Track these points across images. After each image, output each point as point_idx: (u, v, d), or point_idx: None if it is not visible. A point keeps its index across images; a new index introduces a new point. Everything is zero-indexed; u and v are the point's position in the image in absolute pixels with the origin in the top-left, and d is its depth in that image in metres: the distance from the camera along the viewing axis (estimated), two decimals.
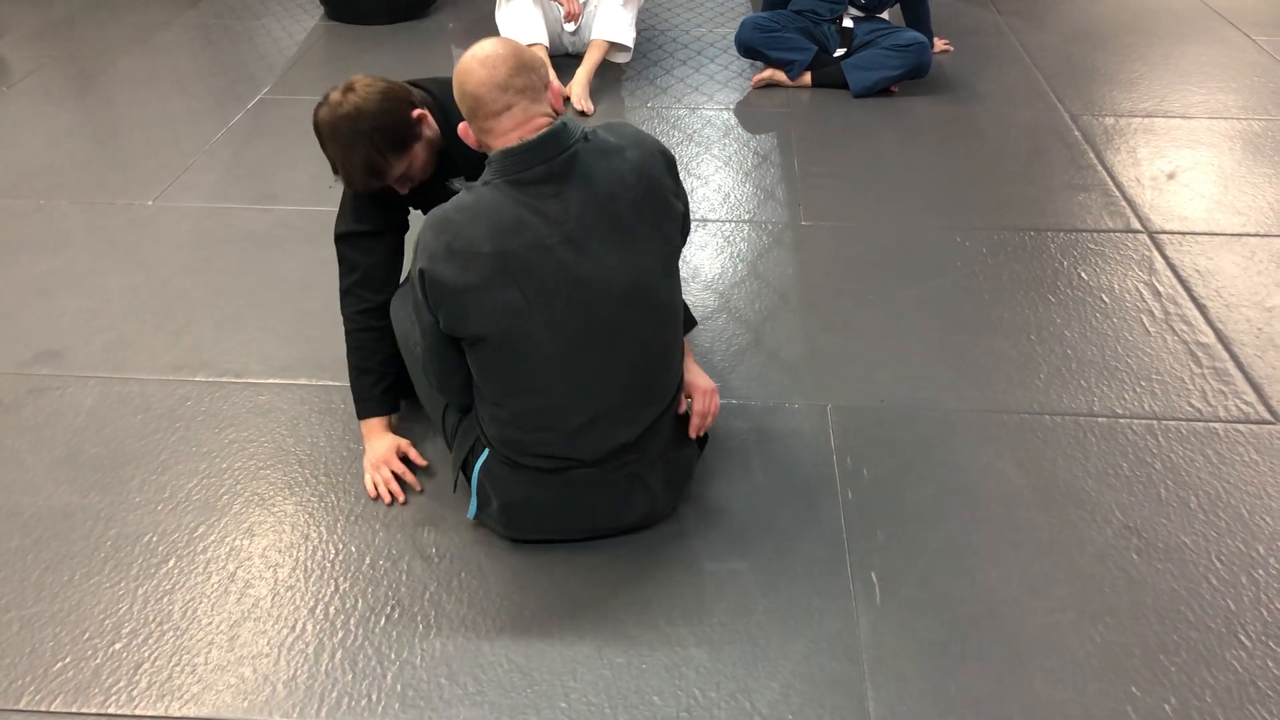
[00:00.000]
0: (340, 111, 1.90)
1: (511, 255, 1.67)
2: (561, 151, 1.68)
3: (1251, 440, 2.25)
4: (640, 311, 1.78)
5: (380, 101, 1.92)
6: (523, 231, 1.67)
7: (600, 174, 1.71)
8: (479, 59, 1.70)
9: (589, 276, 1.71)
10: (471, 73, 1.69)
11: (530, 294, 1.69)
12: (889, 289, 2.80)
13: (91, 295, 2.80)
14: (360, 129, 1.89)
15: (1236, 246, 2.99)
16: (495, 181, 1.70)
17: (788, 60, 4.07)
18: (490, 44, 1.72)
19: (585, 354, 1.75)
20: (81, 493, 2.13)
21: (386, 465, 2.15)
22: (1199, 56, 4.42)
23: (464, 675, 1.75)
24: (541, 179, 1.68)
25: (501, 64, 1.68)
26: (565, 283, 1.70)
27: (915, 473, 2.17)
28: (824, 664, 1.76)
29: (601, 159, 1.73)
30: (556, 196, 1.68)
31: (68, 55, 4.54)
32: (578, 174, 1.70)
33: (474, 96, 1.70)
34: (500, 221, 1.67)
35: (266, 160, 3.56)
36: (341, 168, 1.95)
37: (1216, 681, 1.72)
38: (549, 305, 1.70)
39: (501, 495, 1.91)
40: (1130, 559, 1.96)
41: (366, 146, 1.90)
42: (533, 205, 1.68)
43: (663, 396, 1.89)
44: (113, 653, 1.79)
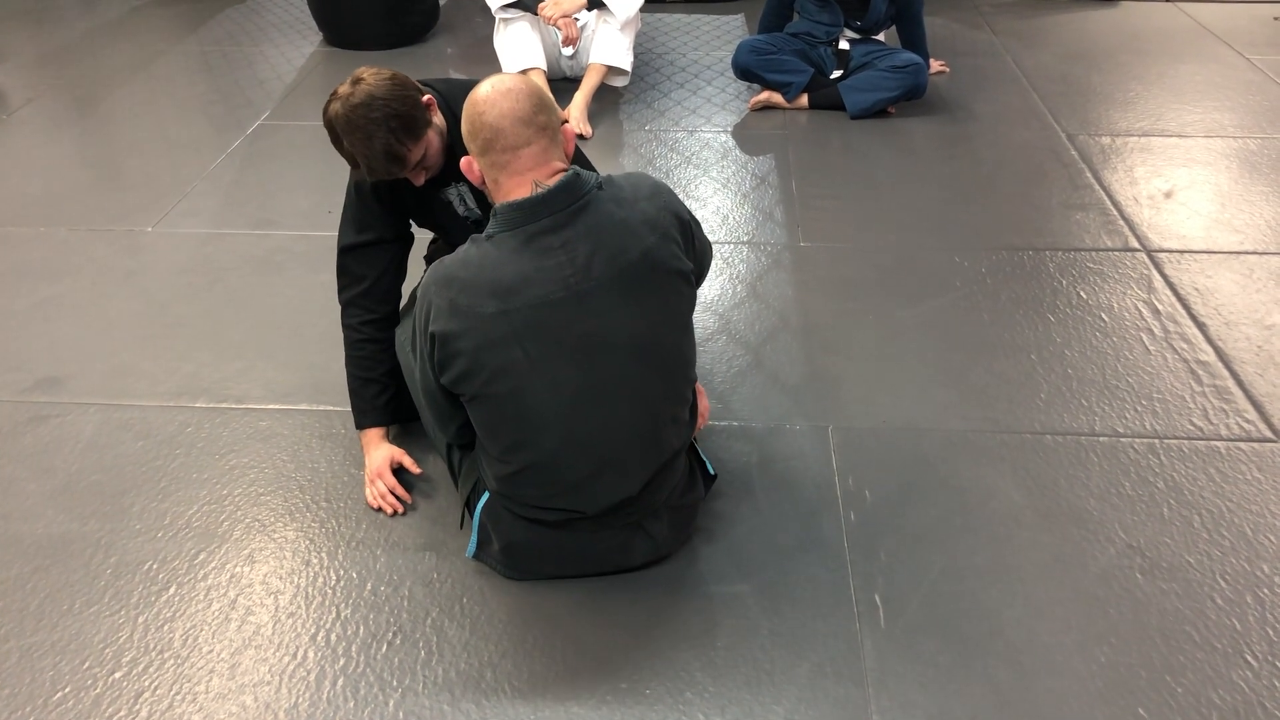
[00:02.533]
0: (354, 101, 1.90)
1: (515, 314, 1.63)
2: (572, 202, 1.64)
3: (1254, 458, 2.25)
4: (647, 367, 1.73)
5: (391, 87, 1.92)
6: (527, 289, 1.62)
7: (611, 226, 1.66)
8: (500, 90, 1.64)
9: (594, 332, 1.67)
10: (493, 104, 1.64)
11: (534, 353, 1.65)
12: (888, 309, 2.81)
13: (91, 322, 2.80)
14: (375, 115, 1.89)
15: (1235, 264, 3.00)
16: (500, 235, 1.65)
17: (784, 82, 4.08)
18: (510, 77, 1.68)
19: (588, 410, 1.72)
20: (81, 520, 2.13)
21: (381, 479, 2.15)
22: (1194, 76, 4.44)
23: (466, 702, 1.74)
24: (549, 230, 1.63)
25: (525, 98, 1.64)
26: (569, 340, 1.66)
27: (917, 494, 2.17)
28: (828, 687, 1.75)
29: (614, 209, 1.68)
30: (563, 248, 1.63)
31: (66, 82, 4.56)
32: (587, 225, 1.65)
33: (494, 128, 1.64)
34: (504, 280, 1.63)
35: (265, 186, 3.57)
36: (362, 158, 1.93)
37: (1224, 703, 1.71)
38: (552, 363, 1.66)
39: (503, 537, 1.90)
40: (1134, 579, 1.95)
41: (384, 132, 1.89)
42: (538, 260, 1.63)
43: (668, 449, 1.85)
44: (113, 682, 1.78)
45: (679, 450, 1.89)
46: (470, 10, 5.40)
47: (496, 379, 1.67)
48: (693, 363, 1.88)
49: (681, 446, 1.90)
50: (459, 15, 5.38)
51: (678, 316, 1.79)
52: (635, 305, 1.69)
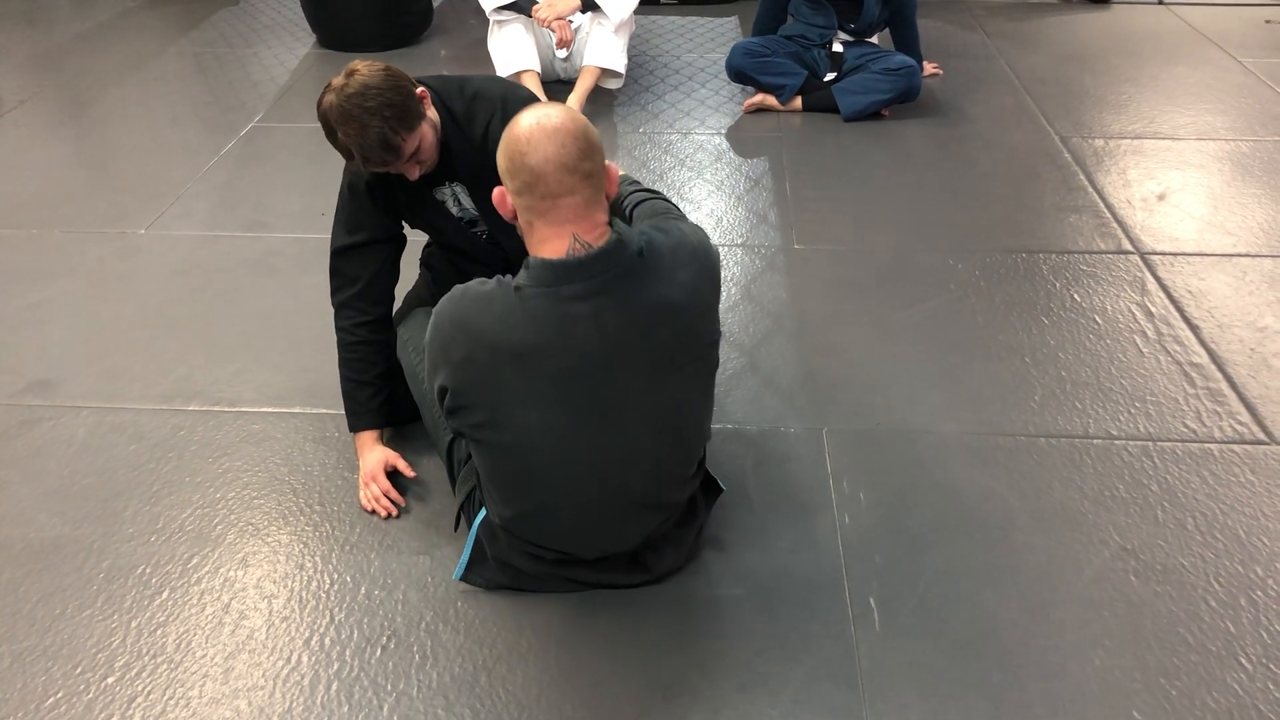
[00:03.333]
0: (348, 91, 1.89)
1: (535, 380, 1.58)
2: (610, 269, 1.55)
3: (1247, 461, 2.25)
4: (663, 439, 1.71)
5: (385, 77, 1.92)
6: (551, 357, 1.56)
7: (647, 300, 1.57)
8: (546, 130, 1.50)
9: (615, 404, 1.62)
10: (536, 146, 1.50)
11: (549, 418, 1.62)
12: (883, 312, 2.81)
13: (84, 324, 2.79)
14: (370, 104, 1.88)
15: (1228, 267, 3.00)
16: (529, 290, 1.55)
17: (778, 85, 4.09)
18: (558, 114, 1.53)
19: (596, 476, 1.70)
20: (74, 524, 2.12)
21: (375, 482, 2.15)
22: (1186, 79, 4.46)
23: (461, 706, 1.73)
24: (582, 295, 1.54)
25: (572, 142, 1.50)
26: (588, 409, 1.62)
27: (912, 496, 2.17)
28: (823, 691, 1.75)
29: (652, 281, 1.58)
30: (594, 318, 1.55)
31: (59, 84, 4.54)
32: (622, 296, 1.56)
33: (535, 172, 1.50)
34: (528, 342, 1.55)
35: (259, 188, 3.56)
36: (356, 147, 1.91)
37: (1218, 705, 1.72)
38: (566, 430, 1.63)
39: (499, 554, 1.89)
40: (1129, 581, 1.95)
41: (379, 122, 1.88)
42: (566, 326, 1.55)
43: (672, 506, 1.85)
44: (105, 687, 1.77)
45: (682, 502, 1.88)
46: (464, 12, 5.39)
47: (505, 433, 1.65)
48: (709, 423, 1.86)
49: (689, 495, 1.89)
50: (453, 17, 5.37)
51: (702, 388, 1.77)
52: (661, 381, 1.64)
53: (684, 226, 1.70)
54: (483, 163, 2.08)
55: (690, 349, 1.66)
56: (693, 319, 1.64)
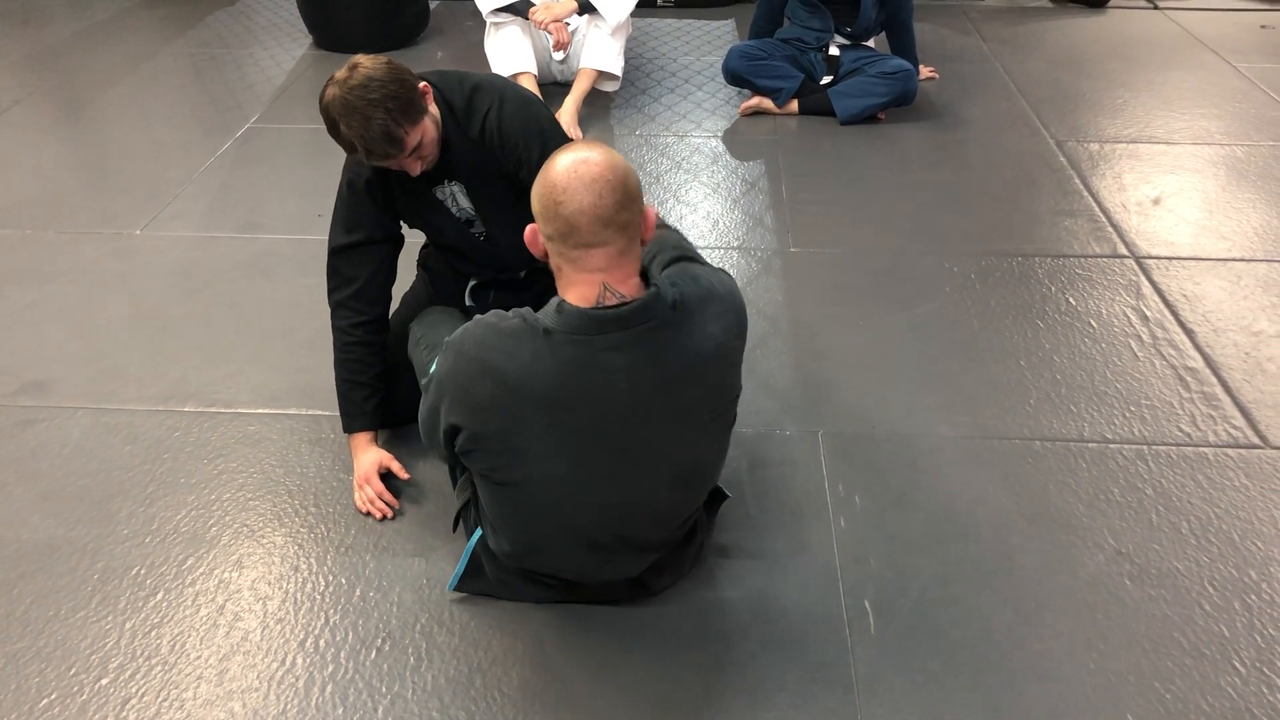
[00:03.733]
0: (351, 83, 1.88)
1: (563, 429, 1.55)
2: (646, 322, 1.51)
3: (1241, 465, 2.26)
4: (677, 488, 1.72)
5: (389, 71, 1.91)
6: (581, 407, 1.54)
7: (679, 353, 1.55)
8: (584, 180, 1.45)
9: (637, 455, 1.62)
10: (573, 195, 1.45)
11: (569, 466, 1.60)
12: (878, 315, 2.81)
13: (79, 326, 2.79)
14: (373, 96, 1.87)
15: (1222, 271, 3.01)
16: (561, 335, 1.51)
17: (775, 88, 4.09)
18: (599, 159, 1.47)
19: (607, 521, 1.70)
20: (68, 525, 2.11)
21: (369, 484, 2.15)
22: (1181, 83, 4.47)
23: (456, 708, 1.73)
24: (616, 346, 1.51)
25: (610, 193, 1.46)
26: (610, 455, 1.60)
27: (907, 500, 2.17)
28: (818, 694, 1.75)
29: (684, 336, 1.55)
30: (626, 372, 1.52)
31: (54, 85, 4.54)
32: (655, 349, 1.53)
33: (569, 223, 1.46)
34: (557, 393, 1.52)
35: (255, 189, 3.56)
36: (359, 140, 1.90)
37: (1212, 709, 1.72)
38: (585, 476, 1.62)
39: (497, 574, 1.89)
40: (1123, 585, 1.96)
41: (382, 114, 1.87)
42: (599, 377, 1.52)
43: (674, 541, 1.86)
44: (100, 688, 1.77)
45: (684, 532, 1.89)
46: (461, 14, 5.39)
47: (518, 476, 1.63)
48: (719, 473, 1.87)
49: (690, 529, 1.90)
50: (449, 19, 5.37)
51: (721, 443, 1.77)
52: (685, 435, 1.64)
53: (713, 276, 1.66)
54: (481, 160, 2.08)
55: (717, 404, 1.66)
56: (722, 372, 1.63)
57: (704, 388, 1.61)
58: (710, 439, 1.72)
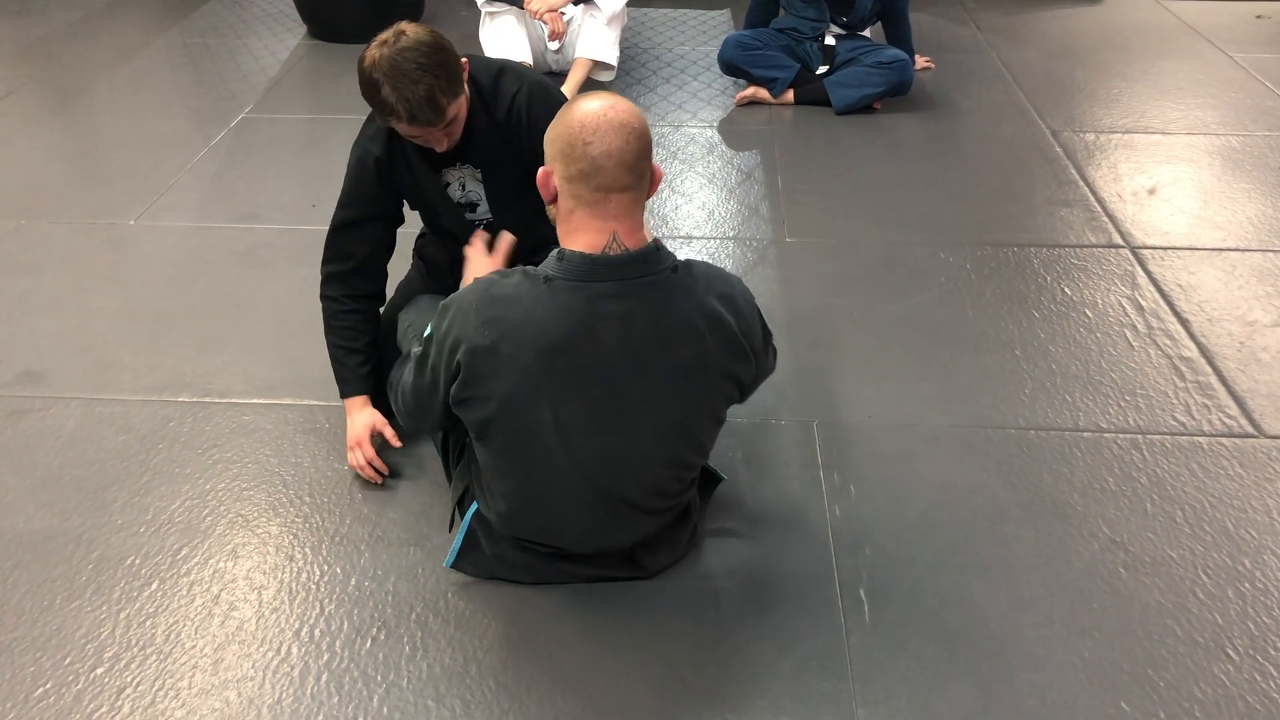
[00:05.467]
0: (402, 45, 1.88)
1: (556, 375, 1.56)
2: (644, 275, 1.54)
3: (1235, 454, 2.26)
4: (664, 451, 1.72)
5: (436, 39, 1.92)
6: (575, 353, 1.55)
7: (673, 313, 1.56)
8: (613, 124, 1.48)
9: (625, 410, 1.62)
10: (602, 137, 1.48)
11: (562, 415, 1.61)
12: (873, 305, 2.81)
13: (73, 316, 2.78)
14: (424, 60, 1.87)
15: (1217, 261, 3.01)
16: (561, 282, 1.53)
17: (770, 78, 4.08)
18: (624, 106, 1.51)
19: (596, 477, 1.70)
20: (63, 515, 2.11)
21: (361, 447, 2.15)
22: (1177, 73, 4.46)
23: (451, 697, 1.73)
24: (613, 295, 1.53)
25: (635, 140, 1.50)
26: (599, 409, 1.61)
27: (902, 489, 2.17)
28: (813, 681, 1.75)
29: (680, 297, 1.57)
30: (621, 321, 1.54)
31: (48, 75, 4.52)
32: (652, 304, 1.55)
33: (595, 164, 1.48)
34: (554, 337, 1.53)
35: (249, 179, 3.55)
36: (404, 103, 1.87)
37: (1205, 696, 1.72)
38: (574, 427, 1.63)
39: (492, 547, 1.90)
40: (1118, 573, 1.96)
41: (430, 79, 1.87)
42: (591, 324, 1.54)
43: (666, 512, 1.86)
44: (94, 678, 1.77)
45: (677, 507, 1.88)
46: (455, 4, 5.38)
47: (512, 424, 1.64)
48: (708, 451, 1.86)
49: (685, 503, 1.90)
50: (444, 8, 5.35)
51: (713, 413, 1.76)
52: (674, 396, 1.64)
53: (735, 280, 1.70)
54: (501, 144, 2.08)
55: (709, 374, 1.65)
56: (715, 345, 1.61)
57: (696, 355, 1.60)
58: (700, 411, 1.71)
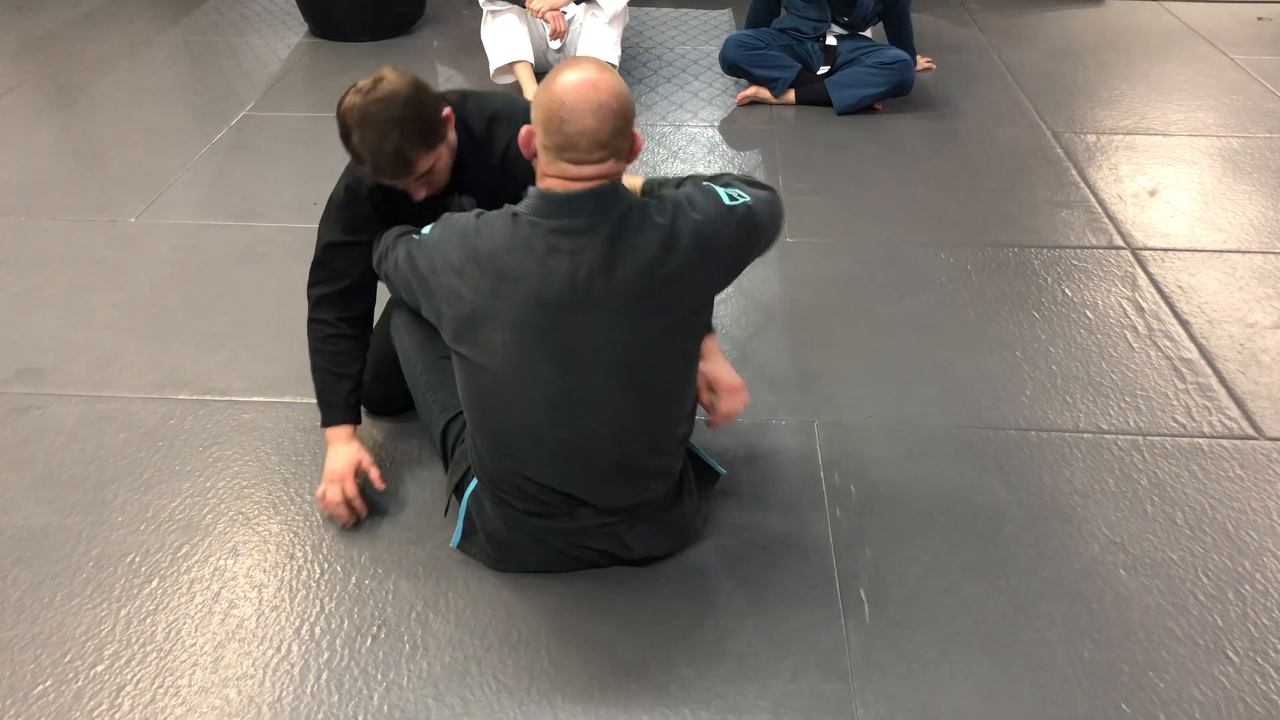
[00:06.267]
0: (374, 96, 1.83)
1: (504, 301, 1.62)
2: (597, 213, 1.61)
3: (1236, 456, 2.26)
4: (628, 388, 1.71)
5: (413, 91, 1.86)
6: (525, 282, 1.61)
7: (631, 245, 1.62)
8: (591, 106, 1.57)
9: (578, 344, 1.65)
10: (578, 118, 1.57)
11: (510, 344, 1.65)
12: (874, 305, 2.81)
13: (73, 313, 2.78)
14: (394, 115, 1.82)
15: (1218, 263, 3.01)
16: (525, 217, 1.63)
17: (772, 78, 4.08)
18: (607, 84, 1.59)
19: (558, 416, 1.70)
20: (63, 512, 2.11)
21: (340, 483, 2.04)
22: (1178, 75, 4.47)
23: (451, 696, 1.73)
24: (566, 231, 1.60)
25: (610, 118, 1.58)
26: (550, 343, 1.65)
27: (902, 489, 2.17)
28: (813, 682, 1.75)
29: (639, 232, 1.63)
30: (571, 255, 1.60)
31: (49, 71, 4.52)
32: (606, 238, 1.61)
33: (569, 139, 1.58)
34: (508, 266, 1.61)
35: (250, 177, 3.55)
36: (370, 155, 1.86)
37: (1205, 698, 1.72)
38: (528, 361, 1.66)
39: (486, 527, 1.90)
40: (1118, 575, 1.96)
41: (398, 134, 1.83)
42: (546, 259, 1.61)
43: (647, 479, 1.84)
44: (94, 675, 1.77)
45: (658, 474, 1.86)
46: (457, 2, 5.38)
47: (472, 346, 1.69)
48: (685, 393, 1.84)
49: (662, 470, 1.87)
50: (446, 7, 5.35)
51: (678, 345, 1.75)
52: (633, 326, 1.65)
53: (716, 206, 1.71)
54: (501, 183, 2.02)
55: (666, 309, 1.67)
56: (685, 262, 1.64)
57: (650, 287, 1.63)
58: (663, 342, 1.71)
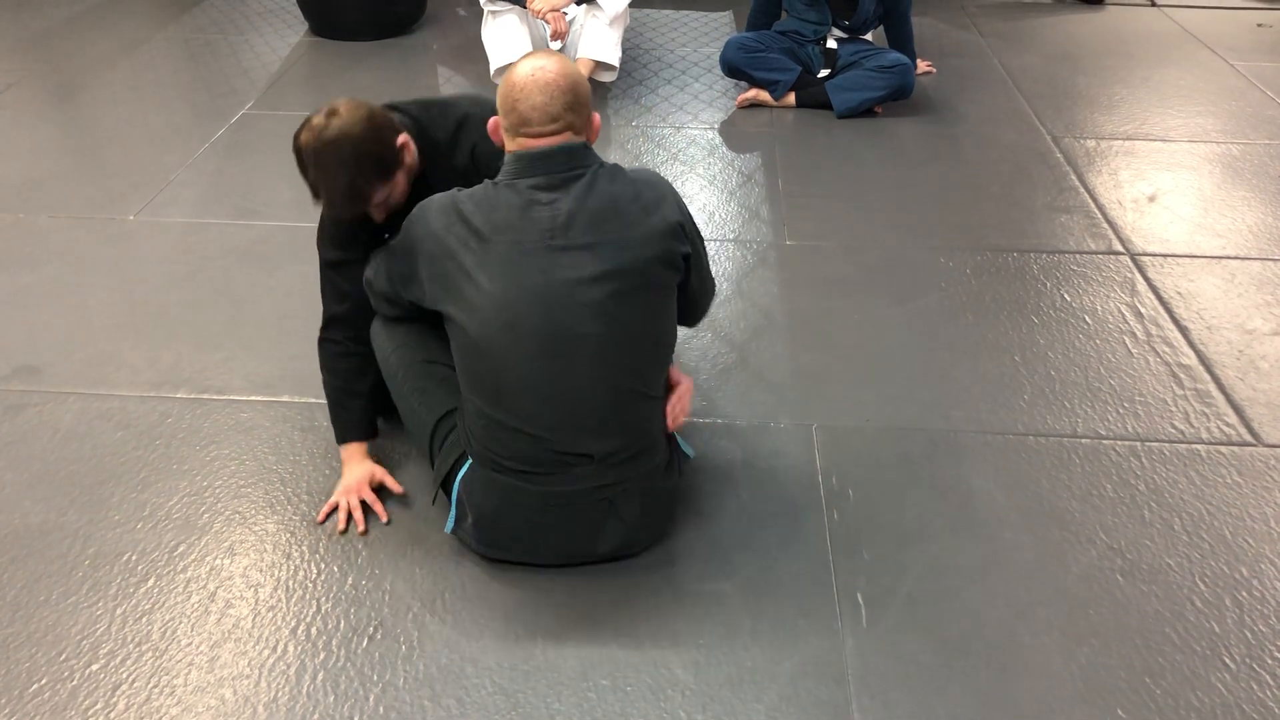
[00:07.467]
0: (325, 136, 1.85)
1: (492, 250, 1.73)
2: (571, 167, 1.76)
3: (1234, 462, 2.26)
4: (609, 331, 1.76)
5: (365, 128, 1.86)
6: (507, 231, 1.73)
7: (600, 193, 1.76)
8: (539, 84, 1.73)
9: (558, 286, 1.73)
10: (528, 95, 1.74)
11: (493, 288, 1.73)
12: (873, 309, 2.81)
13: (71, 311, 2.77)
14: (344, 155, 1.84)
15: (1217, 269, 3.02)
16: (503, 183, 1.77)
17: (772, 80, 4.08)
18: (554, 67, 1.75)
19: (546, 360, 1.76)
20: (59, 510, 2.11)
21: (357, 494, 2.09)
22: (1178, 80, 4.47)
23: (447, 697, 1.73)
24: (542, 187, 1.74)
25: (559, 95, 1.74)
26: (532, 286, 1.73)
27: (900, 493, 2.17)
28: (810, 686, 1.75)
29: (605, 183, 1.78)
30: (549, 205, 1.74)
31: (48, 69, 4.51)
32: (578, 192, 1.75)
33: (523, 116, 1.74)
34: (489, 222, 1.74)
35: (249, 176, 3.54)
36: (325, 193, 1.89)
37: (1202, 704, 1.72)
38: (511, 304, 1.73)
39: (477, 508, 1.89)
40: (1115, 580, 1.96)
41: (351, 172, 1.86)
42: (525, 210, 1.74)
43: (633, 420, 1.85)
44: (90, 674, 1.76)
45: (648, 428, 1.89)
46: (457, 2, 5.38)
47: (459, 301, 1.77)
48: (665, 342, 1.91)
49: (652, 424, 1.90)
50: (446, 7, 5.35)
51: (654, 294, 1.81)
52: (607, 267, 1.74)
53: None
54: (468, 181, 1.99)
55: (640, 249, 1.77)
56: (645, 228, 1.78)
57: (628, 232, 1.76)
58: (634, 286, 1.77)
